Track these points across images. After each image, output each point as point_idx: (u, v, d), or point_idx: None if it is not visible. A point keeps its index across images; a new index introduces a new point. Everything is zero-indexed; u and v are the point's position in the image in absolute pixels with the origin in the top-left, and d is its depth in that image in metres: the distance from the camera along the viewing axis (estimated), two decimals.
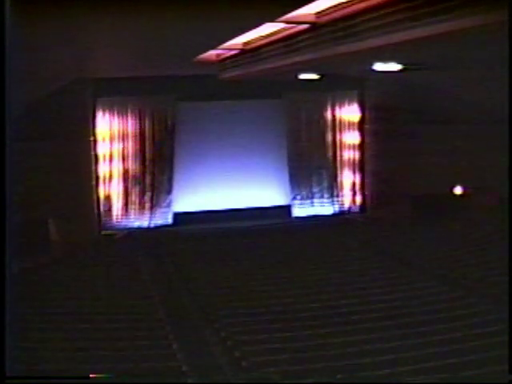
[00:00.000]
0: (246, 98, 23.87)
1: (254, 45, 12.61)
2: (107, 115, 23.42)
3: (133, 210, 24.03)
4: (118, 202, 23.84)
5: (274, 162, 25.09)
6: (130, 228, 23.81)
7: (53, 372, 10.40)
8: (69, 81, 19.99)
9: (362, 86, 24.78)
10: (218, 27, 9.42)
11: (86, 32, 9.65)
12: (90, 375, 10.35)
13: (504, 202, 17.27)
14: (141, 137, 23.82)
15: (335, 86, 23.83)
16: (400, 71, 13.63)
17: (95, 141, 23.00)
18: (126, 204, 23.95)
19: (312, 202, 25.57)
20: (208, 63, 16.45)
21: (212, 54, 15.73)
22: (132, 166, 23.89)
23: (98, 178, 23.29)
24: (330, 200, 25.70)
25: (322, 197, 25.67)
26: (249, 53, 13.35)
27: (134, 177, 23.95)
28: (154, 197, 24.10)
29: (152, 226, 24.17)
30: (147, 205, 24.08)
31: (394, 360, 11.42)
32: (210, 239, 22.58)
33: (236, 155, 24.43)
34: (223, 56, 15.88)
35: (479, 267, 17.65)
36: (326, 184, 25.57)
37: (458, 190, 23.08)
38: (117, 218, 23.84)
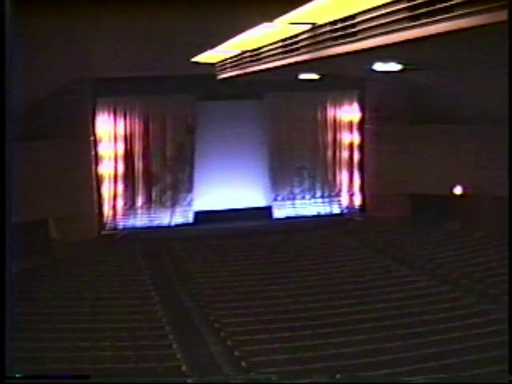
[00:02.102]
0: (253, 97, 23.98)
1: (253, 45, 12.59)
2: (128, 115, 23.32)
3: (153, 209, 23.99)
4: (138, 200, 23.77)
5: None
6: (151, 226, 23.75)
7: (53, 372, 10.40)
8: (76, 80, 20.01)
9: (359, 87, 24.66)
10: (217, 27, 9.42)
11: (90, 32, 9.65)
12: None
13: (504, 202, 17.25)
14: (161, 136, 23.75)
15: (332, 86, 23.59)
16: (400, 71, 13.61)
17: (95, 140, 22.92)
18: (146, 202, 23.90)
19: (310, 202, 25.48)
20: (207, 63, 16.43)
21: (211, 53, 15.71)
22: (152, 164, 23.80)
23: (102, 177, 23.17)
24: (328, 200, 25.56)
25: (322, 196, 25.53)
26: (248, 53, 13.33)
27: (155, 176, 23.93)
28: (175, 195, 24.10)
29: (173, 224, 24.18)
30: (168, 203, 24.07)
31: (393, 360, 11.44)
32: (210, 239, 22.56)
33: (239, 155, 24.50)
34: (223, 56, 15.86)
35: (479, 267, 17.66)
36: (319, 184, 25.41)
37: (457, 190, 23.04)
38: (137, 216, 23.83)
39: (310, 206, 25.39)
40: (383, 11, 6.86)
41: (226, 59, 15.59)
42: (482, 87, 17.98)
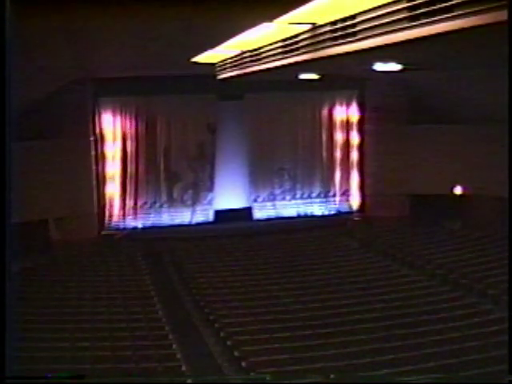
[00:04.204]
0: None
1: (253, 45, 12.59)
2: (150, 114, 23.31)
3: (175, 207, 23.94)
4: (159, 199, 23.78)
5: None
6: (173, 225, 23.75)
7: (52, 372, 10.40)
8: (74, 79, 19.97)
9: (359, 87, 24.59)
10: (217, 27, 9.42)
11: (90, 31, 9.65)
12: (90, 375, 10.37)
13: (504, 202, 17.27)
14: (182, 135, 23.75)
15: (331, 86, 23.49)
16: (400, 71, 13.61)
17: (96, 140, 22.87)
18: (167, 201, 23.89)
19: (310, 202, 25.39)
20: (207, 63, 16.42)
21: (211, 53, 15.70)
22: (174, 163, 23.84)
23: (121, 176, 23.26)
24: (310, 201, 25.49)
25: (301, 197, 25.45)
26: (248, 53, 13.33)
27: (176, 174, 23.97)
28: (196, 194, 24.07)
29: (193, 222, 24.15)
30: (189, 202, 24.04)
31: (393, 360, 11.44)
32: (209, 239, 22.55)
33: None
34: (223, 56, 15.86)
35: (479, 267, 17.66)
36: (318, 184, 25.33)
37: (458, 190, 23.05)
38: (159, 215, 23.81)
39: (290, 207, 25.29)
40: (383, 11, 6.86)
41: (226, 59, 15.58)
42: (482, 87, 17.99)
